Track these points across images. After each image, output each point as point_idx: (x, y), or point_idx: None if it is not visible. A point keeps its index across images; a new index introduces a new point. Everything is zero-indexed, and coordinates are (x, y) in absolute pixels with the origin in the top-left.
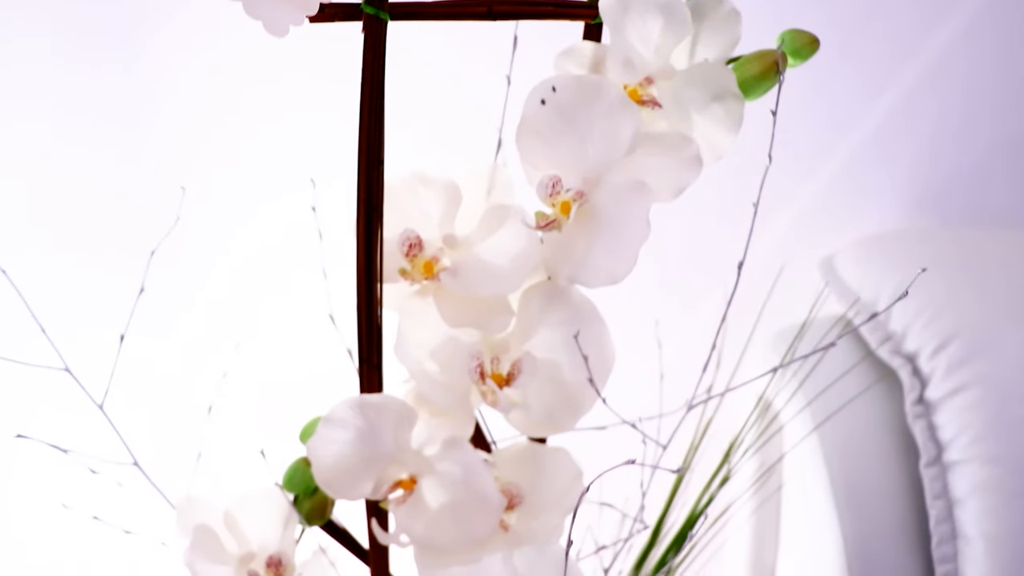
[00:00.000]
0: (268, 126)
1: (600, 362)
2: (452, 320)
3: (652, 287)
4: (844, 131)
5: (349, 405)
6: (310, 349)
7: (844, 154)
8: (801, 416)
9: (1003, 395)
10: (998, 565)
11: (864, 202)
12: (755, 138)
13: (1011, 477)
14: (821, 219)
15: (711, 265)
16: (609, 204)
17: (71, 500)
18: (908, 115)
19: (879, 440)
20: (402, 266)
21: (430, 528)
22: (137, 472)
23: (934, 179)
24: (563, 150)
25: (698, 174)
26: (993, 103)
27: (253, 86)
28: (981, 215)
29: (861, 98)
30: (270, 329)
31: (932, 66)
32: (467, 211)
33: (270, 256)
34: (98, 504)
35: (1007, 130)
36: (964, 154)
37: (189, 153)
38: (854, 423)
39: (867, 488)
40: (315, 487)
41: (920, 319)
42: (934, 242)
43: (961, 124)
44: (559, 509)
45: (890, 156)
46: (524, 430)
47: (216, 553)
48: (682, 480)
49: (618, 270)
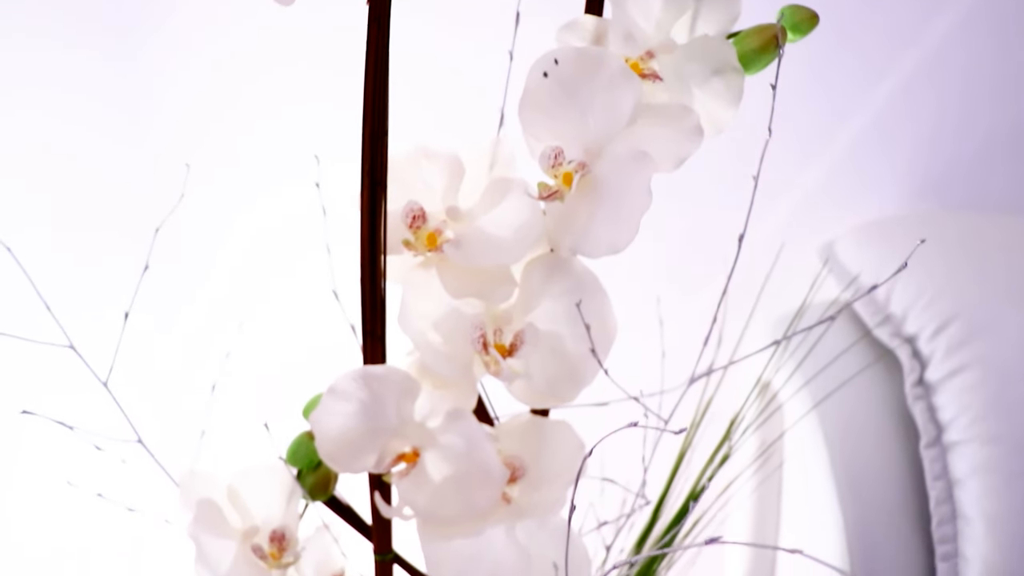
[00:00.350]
0: (273, 104)
1: (602, 333)
2: (455, 291)
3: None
4: (844, 119)
5: (353, 377)
6: (314, 326)
7: (844, 142)
8: (800, 396)
9: (1003, 376)
10: (998, 545)
11: (864, 190)
12: (756, 119)
13: (1011, 457)
14: (821, 207)
15: (712, 247)
16: (611, 174)
17: (76, 477)
18: (908, 103)
19: (879, 422)
20: (406, 237)
21: (433, 501)
22: (141, 449)
23: (933, 167)
24: (565, 122)
25: (699, 144)
26: (992, 91)
27: (258, 65)
28: (981, 202)
29: (861, 86)
30: (274, 307)
31: (931, 54)
32: (470, 185)
33: (274, 233)
34: (102, 481)
35: (1007, 117)
36: (964, 142)
37: (194, 131)
38: (854, 405)
39: (868, 470)
40: (318, 462)
41: (920, 301)
42: (934, 226)
43: (961, 112)
44: (561, 481)
45: (890, 144)
46: (526, 401)
47: (219, 527)
48: (684, 457)
49: (620, 239)
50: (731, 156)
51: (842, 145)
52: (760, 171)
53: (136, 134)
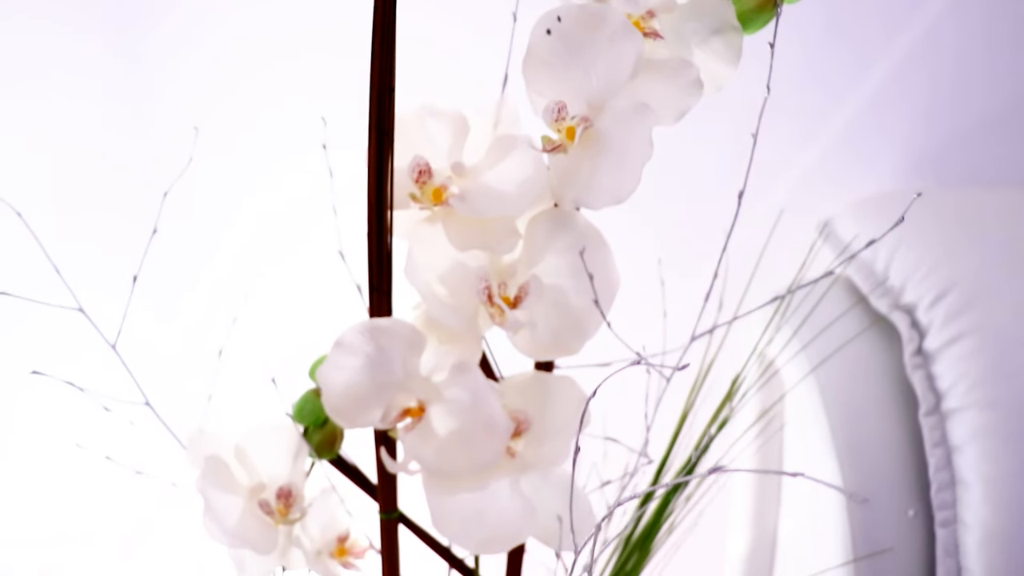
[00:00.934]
0: (280, 66)
1: (605, 285)
2: (460, 243)
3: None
4: (840, 99)
5: (359, 330)
6: (320, 290)
7: (840, 122)
8: (798, 362)
9: (1000, 342)
10: (995, 509)
11: (862, 168)
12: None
13: (1008, 421)
14: (819, 186)
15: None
16: (613, 127)
17: (84, 440)
18: (902, 82)
19: (878, 392)
20: (412, 191)
21: (439, 455)
22: (148, 413)
23: (930, 144)
24: (568, 78)
25: (699, 98)
26: (984, 68)
27: (265, 26)
28: (977, 179)
29: (856, 66)
30: (281, 269)
31: (924, 33)
32: (474, 144)
33: (282, 197)
34: (110, 444)
35: (1000, 94)
36: (958, 119)
37: (202, 94)
38: (854, 376)
39: (867, 439)
40: (324, 419)
41: (918, 272)
42: (931, 200)
43: (954, 90)
44: (565, 435)
45: (886, 123)
46: (530, 353)
47: (227, 483)
48: (687, 418)
49: (623, 189)
50: (734, 122)
51: (838, 125)
52: (759, 128)
53: (145, 94)
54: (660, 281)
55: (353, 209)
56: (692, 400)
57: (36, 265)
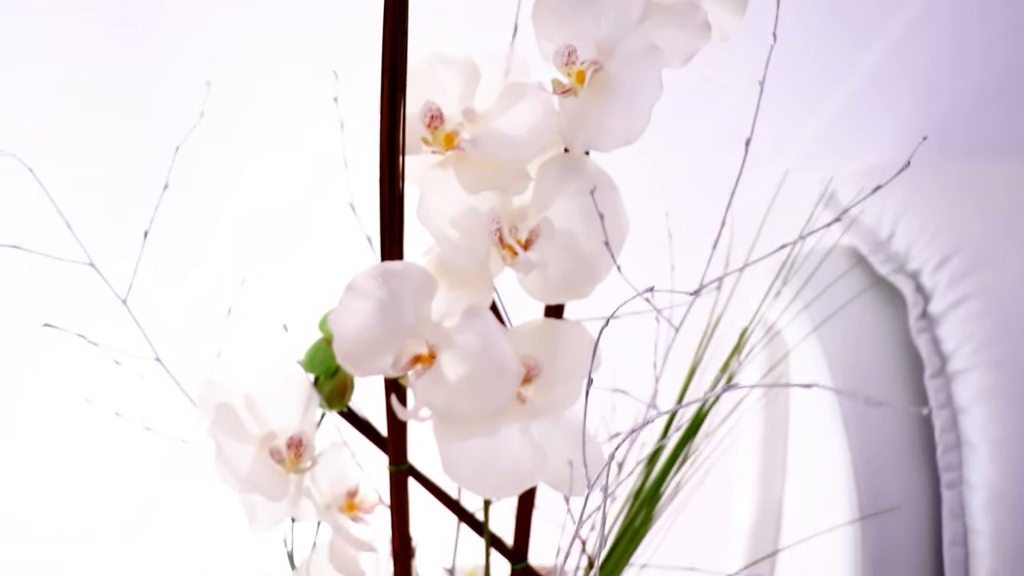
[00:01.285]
0: (291, 20)
1: (615, 228)
2: (472, 186)
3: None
4: (840, 76)
5: (371, 274)
6: (331, 245)
7: (843, 96)
8: (800, 322)
9: (1005, 304)
10: (1002, 470)
11: (865, 140)
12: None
13: (1014, 381)
14: (823, 157)
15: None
16: (622, 70)
17: (94, 395)
18: (902, 56)
19: (884, 355)
20: (424, 136)
21: (449, 400)
22: (158, 369)
23: (931, 117)
24: (577, 23)
25: (707, 40)
26: (983, 40)
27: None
28: (979, 151)
29: (856, 40)
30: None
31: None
32: (485, 91)
33: (294, 151)
34: (120, 400)
35: (998, 65)
36: (959, 91)
37: (213, 48)
38: (859, 340)
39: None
40: (335, 368)
41: (923, 237)
42: (935, 169)
43: (954, 62)
44: (575, 380)
45: (888, 96)
46: (541, 296)
47: (238, 431)
48: (696, 370)
49: (632, 131)
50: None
51: (840, 98)
52: (765, 76)
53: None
54: (668, 234)
55: (364, 162)
56: (700, 354)
57: (48, 221)
